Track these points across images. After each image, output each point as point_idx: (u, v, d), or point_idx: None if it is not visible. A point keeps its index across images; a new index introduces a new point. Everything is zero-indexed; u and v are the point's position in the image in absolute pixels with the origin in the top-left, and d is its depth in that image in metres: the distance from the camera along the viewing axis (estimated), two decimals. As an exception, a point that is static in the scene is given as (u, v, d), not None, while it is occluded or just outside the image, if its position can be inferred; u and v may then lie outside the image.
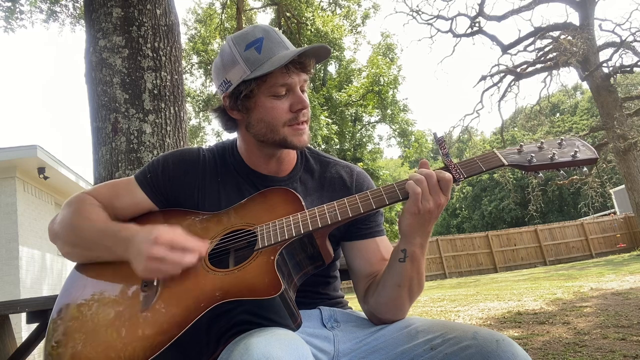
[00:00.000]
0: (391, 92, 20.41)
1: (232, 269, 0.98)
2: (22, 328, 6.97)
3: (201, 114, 21.64)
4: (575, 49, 14.66)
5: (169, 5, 3.20)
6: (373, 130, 23.41)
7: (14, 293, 7.52)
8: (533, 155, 1.00)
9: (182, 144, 3.03)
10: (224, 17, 18.81)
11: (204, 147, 1.27)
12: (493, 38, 17.96)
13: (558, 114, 41.37)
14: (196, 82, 21.60)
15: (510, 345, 0.86)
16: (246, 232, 1.06)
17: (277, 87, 1.07)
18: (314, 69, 1.13)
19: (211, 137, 23.21)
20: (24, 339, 2.22)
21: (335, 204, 1.03)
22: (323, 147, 18.79)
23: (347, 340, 1.06)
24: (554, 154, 0.99)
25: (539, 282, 9.97)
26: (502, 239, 19.13)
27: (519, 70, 17.21)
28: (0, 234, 7.79)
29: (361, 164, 18.77)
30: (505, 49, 17.73)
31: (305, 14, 18.41)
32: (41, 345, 1.72)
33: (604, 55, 15.93)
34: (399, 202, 1.03)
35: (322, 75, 21.80)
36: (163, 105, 2.96)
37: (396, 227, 12.42)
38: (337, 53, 21.11)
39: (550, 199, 27.49)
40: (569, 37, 15.44)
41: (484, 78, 17.72)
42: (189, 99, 20.59)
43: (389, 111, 21.10)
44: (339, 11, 20.49)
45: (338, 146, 20.66)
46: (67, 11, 10.06)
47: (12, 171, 8.02)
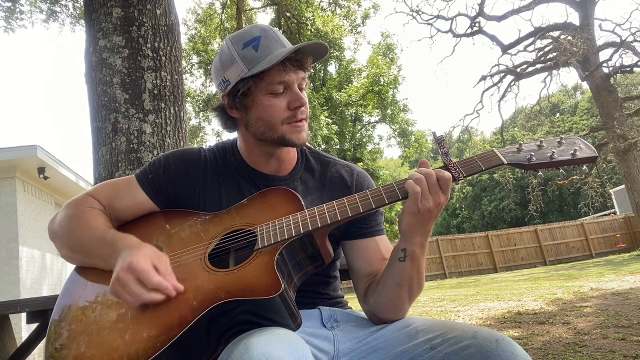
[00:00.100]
0: (391, 92, 20.41)
1: (232, 268, 0.98)
2: (22, 328, 6.97)
3: (201, 114, 21.64)
4: (575, 49, 14.66)
5: (169, 5, 3.20)
6: (373, 130, 23.43)
7: (14, 293, 7.51)
8: (532, 154, 1.00)
9: (182, 144, 3.03)
10: (224, 17, 18.81)
11: (204, 147, 1.27)
12: (493, 38, 17.97)
13: (558, 114, 41.35)
14: (196, 82, 21.64)
15: (510, 344, 0.86)
16: (246, 232, 1.06)
17: (275, 85, 1.07)
18: (312, 67, 1.13)
19: (211, 137, 23.24)
20: (24, 339, 2.21)
21: (335, 204, 1.03)
22: (323, 147, 18.79)
23: (347, 340, 1.06)
24: (553, 152, 0.99)
25: (539, 282, 9.97)
26: (502, 239, 19.13)
27: (519, 70, 17.21)
28: (0, 234, 7.79)
29: (361, 164, 18.76)
30: (505, 49, 17.74)
31: (305, 14, 18.41)
32: (41, 345, 1.72)
33: (604, 55, 15.95)
34: (399, 202, 1.02)
35: (322, 75, 21.80)
36: (163, 105, 2.96)
37: (396, 227, 12.41)
38: (337, 53, 21.12)
39: (550, 199, 27.50)
40: (569, 37, 15.43)
41: (484, 78, 17.72)
42: (189, 99, 20.59)
43: (389, 111, 21.09)
44: (339, 11, 20.50)
45: (338, 146, 20.66)
46: (67, 11, 10.06)
47: (12, 171, 8.01)
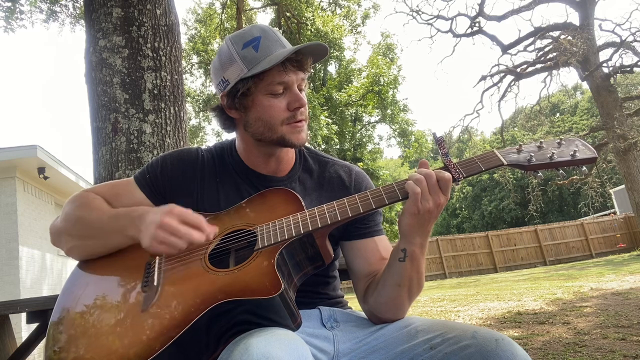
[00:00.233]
0: (391, 92, 20.40)
1: (232, 268, 0.98)
2: (22, 328, 6.97)
3: (201, 114, 21.65)
4: (575, 49, 14.66)
5: (169, 5, 3.20)
6: (373, 130, 23.42)
7: (14, 293, 7.51)
8: (532, 154, 1.00)
9: (182, 144, 3.03)
10: (224, 17, 18.82)
11: (202, 147, 1.27)
12: (493, 38, 17.97)
13: (558, 114, 41.36)
14: (196, 82, 21.65)
15: (509, 344, 0.86)
16: (246, 232, 1.06)
17: (274, 85, 1.07)
18: (311, 68, 1.12)
19: (211, 137, 23.24)
20: (24, 339, 2.21)
21: (335, 204, 1.03)
22: (323, 147, 18.79)
23: (347, 340, 1.06)
24: (553, 153, 1.00)
25: (539, 282, 9.97)
26: (502, 239, 19.13)
27: (519, 70, 17.21)
28: (0, 234, 7.79)
29: (361, 164, 18.77)
30: (505, 49, 17.74)
31: (305, 14, 18.41)
32: (41, 345, 1.72)
33: (604, 55, 15.95)
34: (399, 202, 1.02)
35: (322, 75, 21.80)
36: (163, 105, 2.96)
37: (396, 227, 12.42)
38: (337, 53, 21.11)
39: (550, 199, 27.49)
40: (569, 37, 15.43)
41: (484, 78, 17.72)
42: (189, 99, 20.60)
43: (389, 111, 21.09)
44: (339, 11, 20.50)
45: (338, 146, 20.65)
46: (67, 11, 10.07)
47: (12, 171, 8.01)
